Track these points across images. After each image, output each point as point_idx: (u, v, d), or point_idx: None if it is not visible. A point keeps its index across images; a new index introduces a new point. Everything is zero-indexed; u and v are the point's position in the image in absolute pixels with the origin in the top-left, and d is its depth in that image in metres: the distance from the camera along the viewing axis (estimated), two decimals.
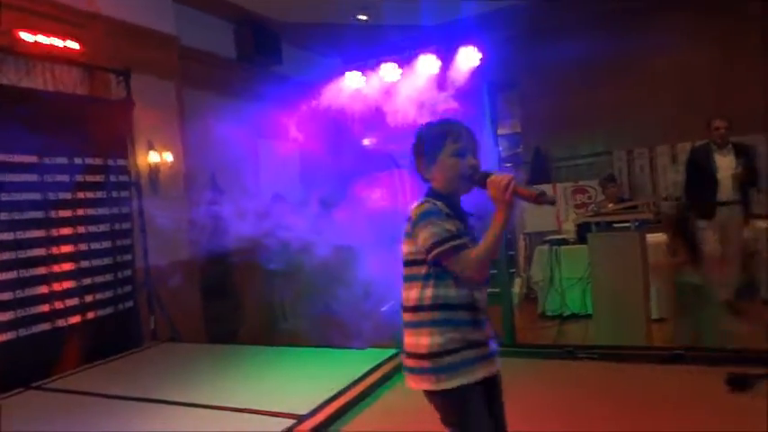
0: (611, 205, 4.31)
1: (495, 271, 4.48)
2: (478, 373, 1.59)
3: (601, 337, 4.02)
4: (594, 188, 6.76)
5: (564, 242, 5.83)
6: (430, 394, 1.60)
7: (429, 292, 1.58)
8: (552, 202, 1.69)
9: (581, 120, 7.20)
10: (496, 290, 4.18)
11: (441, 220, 1.55)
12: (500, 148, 9.95)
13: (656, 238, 5.21)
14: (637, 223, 4.00)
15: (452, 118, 1.76)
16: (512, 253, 6.99)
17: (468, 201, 1.70)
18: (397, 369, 3.47)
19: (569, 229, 6.23)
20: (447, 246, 1.53)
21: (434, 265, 1.56)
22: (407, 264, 1.63)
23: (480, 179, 1.59)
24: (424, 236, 1.54)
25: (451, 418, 1.59)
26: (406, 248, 1.63)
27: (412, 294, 1.61)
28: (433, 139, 1.66)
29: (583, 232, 4.95)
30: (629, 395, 2.97)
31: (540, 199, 1.55)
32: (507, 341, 3.94)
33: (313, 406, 2.93)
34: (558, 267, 5.70)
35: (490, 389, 1.66)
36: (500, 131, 10.32)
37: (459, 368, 1.56)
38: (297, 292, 6.37)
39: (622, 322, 3.93)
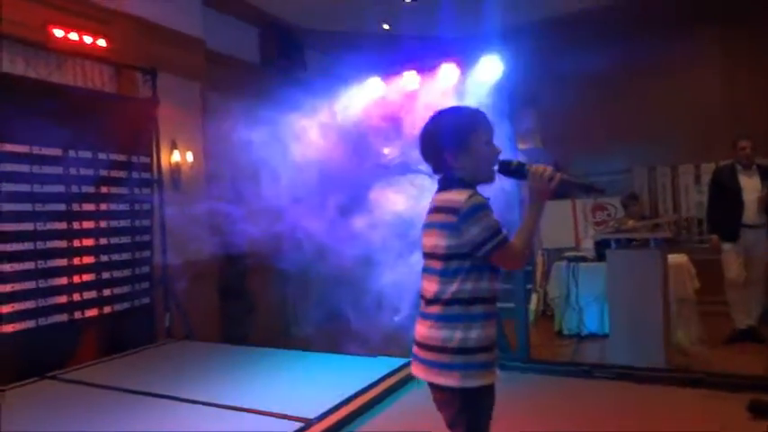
0: (631, 222, 4.24)
1: (510, 286, 4.44)
2: (495, 376, 1.58)
3: (617, 357, 3.94)
4: (614, 205, 6.67)
5: (582, 259, 5.74)
6: (447, 391, 1.55)
7: (469, 285, 1.54)
8: (602, 191, 1.63)
9: (602, 136, 7.12)
10: (511, 305, 4.13)
11: (491, 213, 1.52)
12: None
13: (676, 258, 5.13)
14: (657, 241, 3.91)
15: (470, 106, 1.73)
16: (529, 269, 6.93)
17: None
18: (408, 378, 3.44)
19: (588, 246, 6.15)
20: (501, 238, 1.51)
21: (481, 259, 1.52)
22: (447, 257, 1.55)
23: (516, 169, 1.57)
24: (479, 229, 1.49)
25: (463, 418, 1.55)
26: (444, 241, 1.54)
27: (449, 288, 1.54)
28: (464, 127, 1.60)
29: (601, 249, 4.87)
30: (645, 417, 2.90)
31: (588, 188, 1.55)
32: (522, 356, 3.87)
33: (322, 410, 2.91)
34: (575, 285, 5.61)
35: (493, 393, 1.63)
36: (522, 146, 10.30)
37: (486, 367, 1.54)
38: (311, 297, 6.38)
39: (640, 343, 3.84)
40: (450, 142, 1.59)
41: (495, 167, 1.60)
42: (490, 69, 4.10)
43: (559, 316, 5.73)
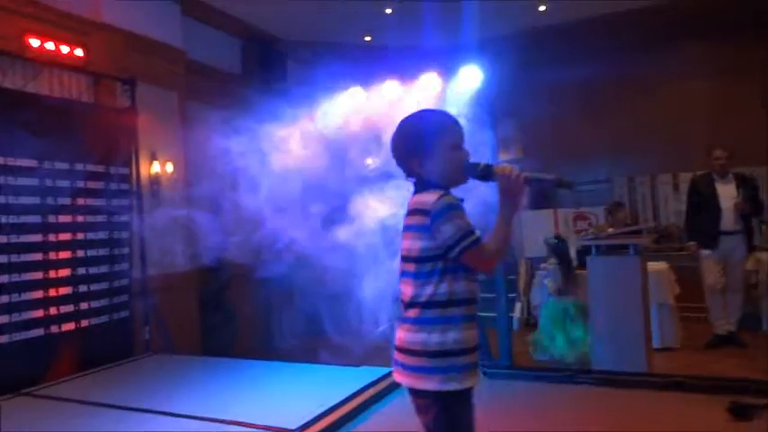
0: (610, 229, 4.29)
1: (492, 294, 4.45)
2: (476, 379, 1.56)
3: (600, 363, 3.95)
4: (596, 214, 6.74)
5: None
6: (426, 396, 1.53)
7: (445, 287, 1.52)
8: (571, 186, 1.59)
9: (583, 146, 7.24)
10: (493, 314, 4.14)
11: (462, 214, 1.52)
12: None
13: (657, 266, 5.19)
14: (637, 248, 3.95)
15: (438, 109, 1.74)
16: (512, 277, 6.95)
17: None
18: (392, 387, 3.41)
19: (572, 256, 6.19)
20: (472, 239, 1.49)
21: (454, 260, 1.51)
22: (421, 260, 1.54)
23: (483, 171, 1.57)
24: (450, 230, 1.48)
25: (443, 423, 1.53)
26: (418, 243, 1.54)
27: (425, 290, 1.53)
28: (428, 133, 1.59)
29: (584, 257, 4.90)
30: (626, 420, 2.91)
31: (560, 183, 1.53)
32: (504, 363, 3.87)
33: (303, 421, 2.87)
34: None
35: (471, 397, 1.61)
36: (504, 156, 10.41)
37: (467, 369, 1.53)
38: (293, 309, 6.32)
39: (621, 348, 3.86)
40: (415, 148, 1.60)
41: (465, 170, 1.60)
42: (470, 79, 4.14)
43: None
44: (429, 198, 1.53)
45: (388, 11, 5.93)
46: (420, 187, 1.61)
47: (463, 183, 1.63)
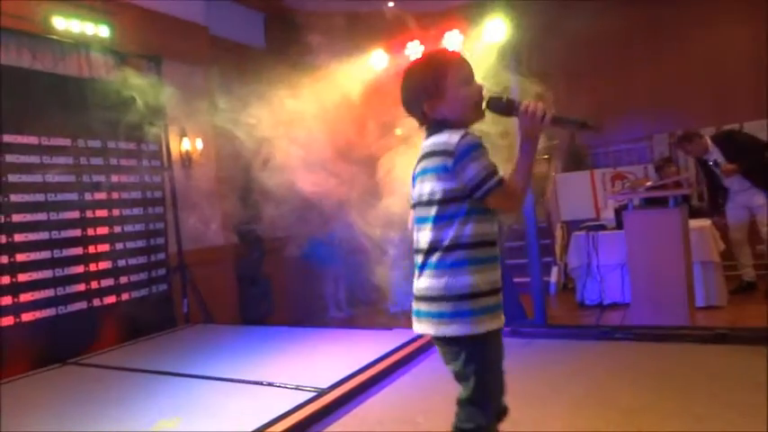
0: (648, 183, 4.11)
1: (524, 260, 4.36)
2: (502, 320, 1.53)
3: (639, 321, 3.83)
4: (634, 174, 6.49)
5: (601, 228, 5.61)
6: (454, 342, 1.48)
7: (469, 229, 1.47)
8: (597, 128, 1.51)
9: (617, 102, 6.93)
10: (524, 279, 4.05)
11: (487, 153, 1.46)
12: None
13: (699, 222, 4.98)
14: (676, 199, 3.78)
15: (441, 50, 1.67)
16: (548, 241, 6.81)
17: None
18: (423, 348, 3.40)
19: (609, 216, 6.01)
20: (497, 178, 1.44)
21: (479, 201, 1.46)
22: (443, 202, 1.48)
23: (507, 105, 1.49)
24: (475, 169, 1.43)
25: (474, 367, 1.49)
26: (440, 185, 1.48)
27: (448, 233, 1.48)
28: (433, 74, 1.53)
29: (622, 217, 4.76)
30: (665, 375, 2.81)
31: (585, 124, 1.45)
32: (539, 322, 3.80)
33: (334, 380, 2.90)
34: (595, 254, 5.49)
35: (501, 340, 1.58)
36: None
37: (493, 311, 1.49)
38: (326, 278, 6.39)
39: (662, 306, 3.73)
40: (426, 89, 1.53)
41: (482, 105, 1.53)
42: (495, 34, 4.00)
43: (581, 287, 5.63)
44: (450, 138, 1.46)
45: None
46: (435, 128, 1.54)
47: (480, 119, 1.57)
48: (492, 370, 1.53)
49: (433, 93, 1.52)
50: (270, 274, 5.90)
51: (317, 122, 5.67)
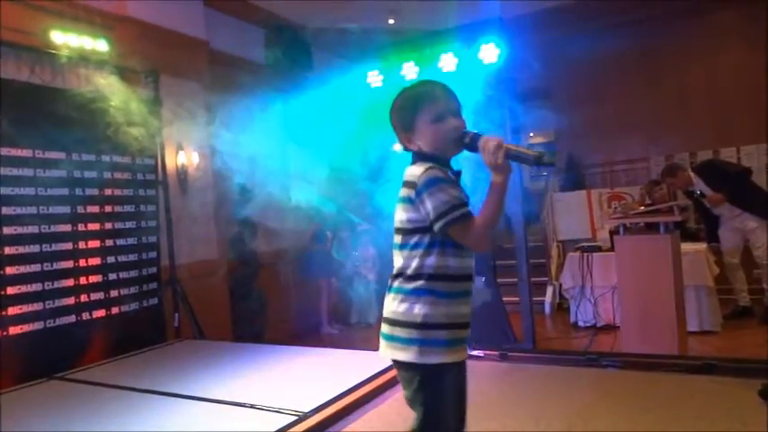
0: (641, 207, 4.11)
1: (516, 279, 4.35)
2: (460, 354, 1.53)
3: (628, 346, 3.81)
4: (632, 195, 6.49)
5: (596, 249, 5.60)
6: (406, 367, 1.51)
7: (431, 260, 1.50)
8: (552, 164, 1.54)
9: (616, 125, 6.96)
10: (516, 298, 4.04)
11: (449, 187, 1.48)
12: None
13: (694, 246, 4.97)
14: (667, 226, 3.77)
15: (429, 79, 1.68)
16: (543, 261, 6.80)
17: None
18: None
19: (605, 237, 6.00)
20: (457, 213, 1.45)
21: (440, 234, 1.48)
22: (408, 232, 1.53)
23: (471, 142, 1.52)
24: (433, 203, 1.46)
25: (422, 396, 1.50)
26: (405, 215, 1.53)
27: (411, 262, 1.52)
28: (407, 108, 1.58)
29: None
30: (651, 405, 2.78)
31: (538, 159, 1.45)
32: (527, 346, 3.77)
33: (317, 404, 2.88)
34: (590, 275, 5.48)
35: (460, 374, 1.57)
36: (534, 140, 10.15)
37: (448, 345, 1.50)
38: (321, 295, 6.38)
39: (651, 332, 3.71)
40: (403, 122, 1.60)
41: (457, 140, 1.55)
42: (490, 57, 4.02)
43: (575, 308, 5.61)
44: (416, 170, 1.51)
45: None
46: (413, 158, 1.60)
47: (455, 154, 1.59)
48: (443, 402, 1.52)
49: (407, 127, 1.59)
50: (264, 289, 5.89)
51: (315, 140, 5.71)
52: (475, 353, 3.61)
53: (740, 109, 6.24)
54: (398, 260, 1.56)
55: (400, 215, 1.55)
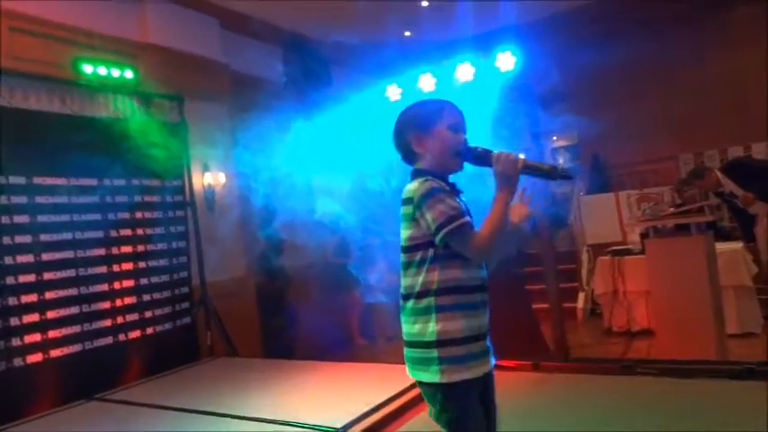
0: (671, 209, 4.02)
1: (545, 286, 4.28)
2: (481, 368, 1.51)
3: (664, 353, 3.72)
4: (661, 195, 6.35)
5: (627, 252, 5.50)
6: (428, 386, 1.50)
7: (437, 275, 1.49)
8: (569, 177, 1.53)
9: (641, 125, 6.83)
10: (545, 305, 3.99)
11: (446, 197, 1.48)
12: (560, 159, 9.66)
13: (730, 246, 4.83)
14: (699, 227, 3.68)
15: (436, 99, 1.69)
16: (573, 266, 6.70)
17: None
18: None
19: (636, 239, 5.88)
20: (457, 223, 1.44)
21: (443, 247, 1.47)
22: (410, 249, 1.53)
23: (480, 155, 1.53)
24: (433, 215, 1.45)
25: (447, 415, 1.49)
26: (407, 233, 1.53)
27: (417, 280, 1.51)
28: (428, 113, 1.59)
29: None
30: (689, 413, 2.71)
31: (553, 173, 1.46)
32: (558, 355, 3.72)
33: (350, 419, 2.89)
34: (621, 279, 5.37)
35: (486, 387, 1.56)
36: (559, 143, 10.03)
37: (467, 360, 1.48)
38: (350, 309, 6.40)
39: (688, 336, 3.61)
40: (414, 128, 1.60)
41: (459, 154, 1.57)
42: (507, 65, 4.01)
43: (608, 313, 5.51)
44: (413, 186, 1.52)
45: (425, 3, 5.87)
46: (412, 175, 1.60)
47: (458, 168, 1.60)
48: (468, 418, 1.51)
49: (421, 130, 1.58)
50: (293, 304, 5.94)
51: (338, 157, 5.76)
52: (505, 364, 3.56)
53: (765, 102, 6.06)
54: (405, 279, 1.55)
55: (402, 233, 1.55)
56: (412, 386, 3.34)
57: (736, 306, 4.63)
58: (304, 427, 2.93)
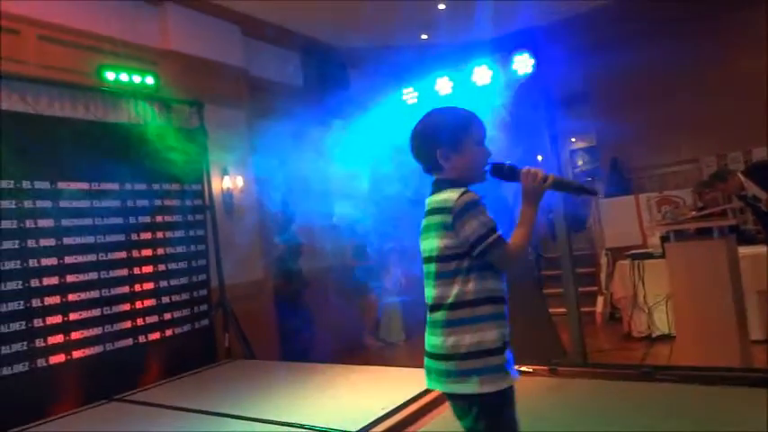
0: (693, 213, 3.94)
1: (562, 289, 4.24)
2: (513, 378, 1.51)
3: (685, 359, 3.65)
4: (682, 198, 6.25)
5: (648, 256, 5.41)
6: (464, 399, 1.49)
7: (472, 286, 1.49)
8: (594, 193, 1.60)
9: (661, 127, 6.73)
10: (563, 309, 3.95)
11: (485, 211, 1.49)
12: (579, 162, 9.57)
13: (754, 250, 4.73)
14: (722, 231, 3.61)
15: (464, 108, 1.67)
16: (592, 269, 6.62)
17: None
18: None
19: (656, 243, 5.79)
20: (495, 237, 1.47)
21: (478, 258, 1.48)
22: (445, 258, 1.52)
23: (509, 171, 1.57)
24: (472, 227, 1.46)
25: (486, 425, 1.48)
26: (441, 242, 1.52)
27: (451, 290, 1.50)
28: (459, 126, 1.57)
29: None
30: (711, 422, 2.65)
31: (581, 189, 1.50)
32: (577, 360, 3.67)
33: (365, 423, 2.89)
34: (641, 283, 5.29)
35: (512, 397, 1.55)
36: (578, 145, 9.95)
37: (503, 370, 1.48)
38: (367, 312, 6.41)
39: (709, 342, 3.54)
40: (445, 140, 1.56)
41: (486, 168, 1.59)
42: (525, 68, 3.99)
43: (627, 318, 5.43)
44: (450, 195, 1.50)
45: (442, 6, 5.87)
46: (439, 185, 1.59)
47: (482, 180, 1.61)
48: (508, 426, 1.51)
49: (452, 143, 1.55)
50: (310, 306, 5.97)
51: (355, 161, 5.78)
52: (523, 368, 3.54)
53: None
54: (435, 290, 1.54)
55: (433, 243, 1.54)
56: (426, 391, 3.33)
57: (759, 311, 4.53)
58: (319, 431, 2.94)
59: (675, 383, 3.17)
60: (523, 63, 3.83)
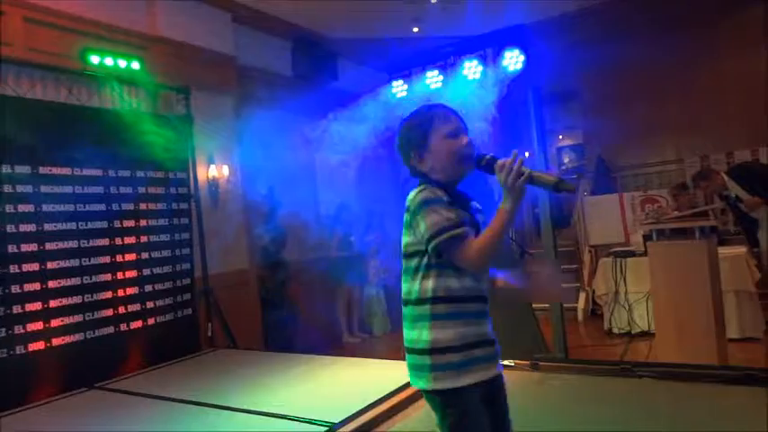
0: (676, 212, 4.00)
1: None
2: (479, 375, 1.49)
3: (664, 355, 3.71)
4: (665, 198, 6.33)
5: (630, 254, 5.49)
6: (427, 393, 1.51)
7: (430, 283, 1.49)
8: (572, 190, 1.48)
9: (647, 126, 6.81)
10: (546, 305, 3.99)
11: (441, 208, 1.46)
12: (565, 159, 9.64)
13: (734, 250, 4.82)
14: (703, 231, 3.67)
15: (434, 103, 1.66)
16: (575, 266, 6.69)
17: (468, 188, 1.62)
18: None
19: (638, 241, 5.87)
20: (447, 235, 1.43)
21: (436, 256, 1.47)
22: (407, 255, 1.54)
23: (486, 163, 1.50)
24: (425, 225, 1.45)
25: (447, 422, 1.49)
26: (405, 239, 1.54)
27: (413, 287, 1.51)
28: (419, 126, 1.57)
29: None
30: (688, 417, 2.70)
31: (558, 186, 1.41)
32: (558, 355, 3.72)
33: (346, 415, 2.90)
34: (623, 281, 5.37)
35: (494, 392, 1.56)
36: (564, 142, 10.01)
37: (460, 367, 1.47)
38: (351, 303, 6.41)
39: (688, 340, 3.60)
40: (414, 143, 1.57)
41: (467, 158, 1.54)
42: (515, 64, 3.99)
43: (608, 313, 5.50)
44: (411, 194, 1.52)
45: (433, 0, 5.84)
46: (417, 183, 1.58)
47: (465, 175, 1.57)
48: (468, 426, 1.49)
49: (419, 145, 1.56)
50: (294, 297, 5.96)
51: (342, 151, 5.75)
52: (505, 362, 3.57)
53: None
54: (404, 285, 1.56)
55: (402, 240, 1.56)
56: (409, 383, 3.35)
57: (737, 311, 4.62)
58: (301, 422, 2.94)
59: (654, 379, 3.22)
60: (513, 59, 3.84)
